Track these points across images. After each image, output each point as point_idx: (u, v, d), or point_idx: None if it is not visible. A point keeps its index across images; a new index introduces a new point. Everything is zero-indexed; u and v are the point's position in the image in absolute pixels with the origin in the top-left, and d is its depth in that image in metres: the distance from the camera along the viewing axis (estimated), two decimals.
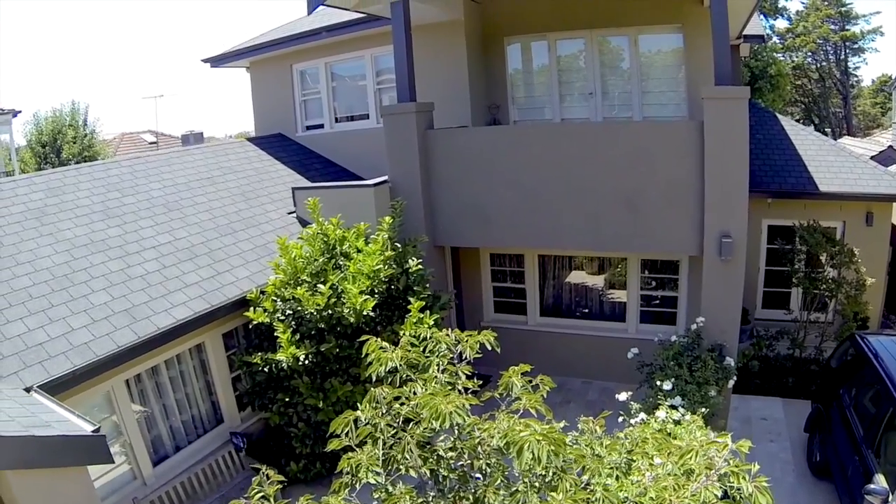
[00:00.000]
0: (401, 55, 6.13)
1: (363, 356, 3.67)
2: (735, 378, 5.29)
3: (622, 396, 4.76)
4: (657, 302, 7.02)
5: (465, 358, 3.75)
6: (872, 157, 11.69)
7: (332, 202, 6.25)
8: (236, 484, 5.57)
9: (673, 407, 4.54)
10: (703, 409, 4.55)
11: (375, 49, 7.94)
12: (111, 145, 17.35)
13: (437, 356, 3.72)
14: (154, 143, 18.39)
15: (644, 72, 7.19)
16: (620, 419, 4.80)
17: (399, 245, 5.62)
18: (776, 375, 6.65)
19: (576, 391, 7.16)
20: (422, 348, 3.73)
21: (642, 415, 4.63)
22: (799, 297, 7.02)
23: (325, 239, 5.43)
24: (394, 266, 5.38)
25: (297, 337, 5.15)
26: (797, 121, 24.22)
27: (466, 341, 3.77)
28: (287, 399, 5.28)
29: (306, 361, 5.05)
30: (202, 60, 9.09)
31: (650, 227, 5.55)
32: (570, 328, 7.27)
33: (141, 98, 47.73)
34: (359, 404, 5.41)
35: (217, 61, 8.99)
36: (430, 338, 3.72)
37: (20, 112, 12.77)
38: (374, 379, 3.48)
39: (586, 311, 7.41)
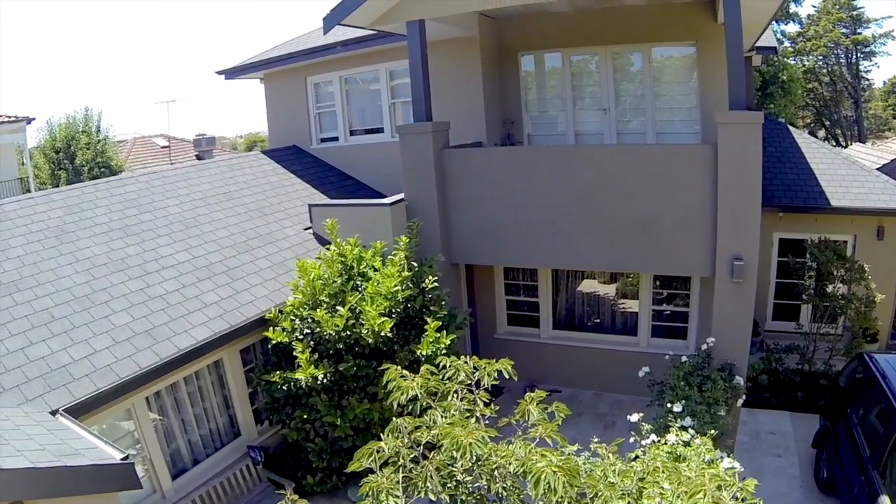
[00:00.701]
0: (417, 74, 6.17)
1: (384, 383, 3.80)
2: (744, 397, 5.33)
3: (633, 417, 4.84)
4: (668, 315, 7.05)
5: (483, 385, 3.88)
6: (883, 166, 11.63)
7: (348, 220, 6.32)
8: (254, 497, 5.67)
9: (683, 428, 4.61)
10: (713, 431, 4.61)
11: (390, 63, 7.99)
12: (124, 149, 17.52)
13: (455, 382, 3.85)
14: (166, 146, 18.52)
15: (657, 88, 7.19)
16: (632, 440, 4.89)
17: (415, 264, 5.69)
18: (785, 389, 6.68)
19: (587, 403, 7.23)
20: (441, 376, 3.84)
21: (653, 436, 4.70)
22: (809, 312, 7.03)
23: (343, 260, 5.50)
24: (410, 286, 5.44)
25: (316, 356, 5.22)
26: (808, 124, 24.14)
27: (484, 368, 3.92)
28: (305, 416, 5.37)
29: (324, 380, 5.13)
30: (216, 72, 9.17)
31: (664, 249, 5.58)
32: (583, 341, 7.32)
33: (153, 103, 48.65)
34: (375, 421, 5.52)
35: (231, 73, 9.06)
36: (449, 366, 3.85)
37: (34, 119, 12.92)
38: (392, 402, 3.62)
39: (598, 321, 7.45)
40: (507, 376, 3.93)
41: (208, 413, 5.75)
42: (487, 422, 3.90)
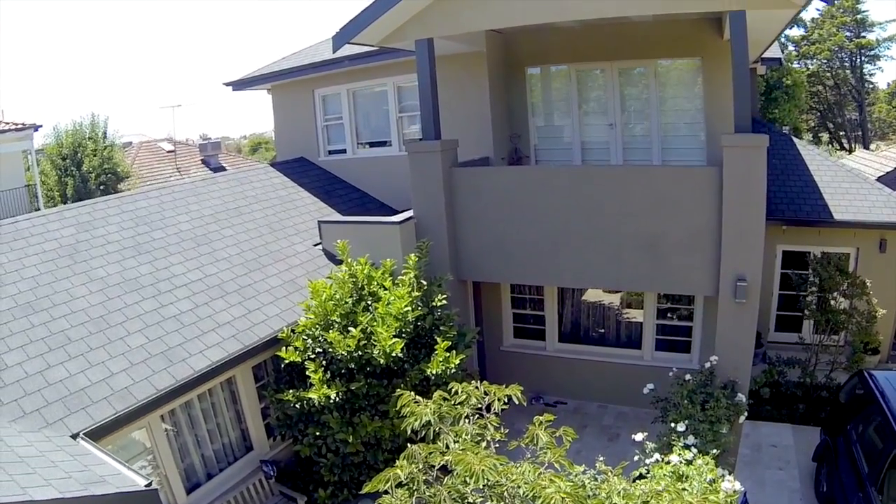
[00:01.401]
0: (425, 92, 6.22)
1: (398, 408, 3.94)
2: (746, 414, 5.43)
3: (638, 437, 4.96)
4: (672, 329, 7.13)
5: (494, 410, 4.02)
6: (887, 174, 11.66)
7: (357, 236, 6.41)
8: None
9: (686, 447, 4.73)
10: (715, 451, 4.71)
11: (398, 77, 8.03)
12: (129, 154, 17.56)
13: (466, 406, 4.00)
14: (172, 151, 18.57)
15: (663, 103, 7.24)
16: (636, 458, 5.00)
17: (425, 283, 5.77)
18: (787, 402, 6.78)
19: (592, 415, 7.33)
20: (453, 402, 3.99)
21: (657, 455, 4.81)
22: (811, 325, 7.10)
23: (354, 280, 5.59)
24: (420, 305, 5.53)
25: (328, 376, 5.32)
26: (812, 128, 24.08)
27: (494, 394, 4.07)
28: (318, 433, 5.47)
29: (337, 398, 5.23)
30: (224, 84, 9.21)
31: (669, 268, 5.67)
32: (588, 354, 7.41)
33: (159, 108, 48.76)
34: (385, 438, 5.64)
35: (239, 85, 9.11)
36: (461, 391, 3.99)
37: (41, 126, 12.97)
38: (407, 427, 3.76)
39: (603, 331, 7.53)
40: (516, 402, 4.08)
41: (221, 428, 5.85)
42: (497, 445, 4.06)
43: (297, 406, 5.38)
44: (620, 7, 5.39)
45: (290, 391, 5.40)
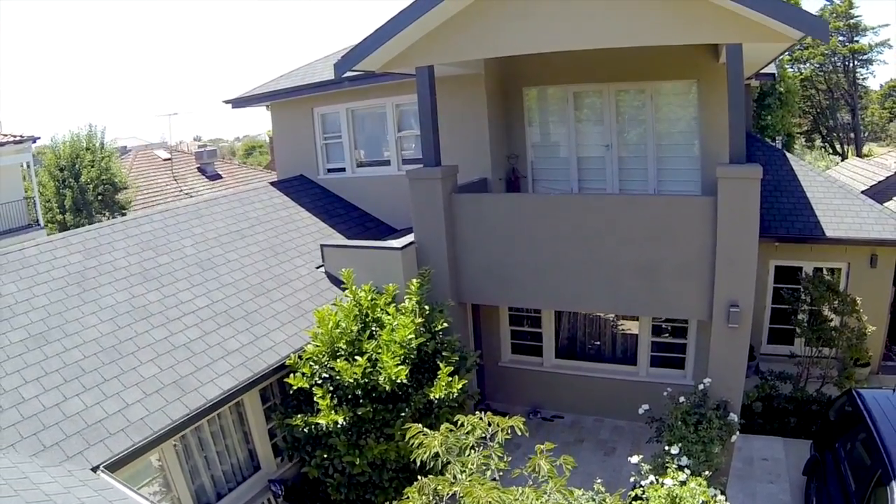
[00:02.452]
0: (426, 118, 6.34)
1: (407, 440, 4.16)
2: (738, 433, 5.64)
3: (634, 459, 5.18)
4: (667, 346, 7.32)
5: (497, 440, 4.28)
6: (879, 183, 11.86)
7: (359, 260, 6.55)
8: None
9: (680, 468, 4.95)
10: (707, 472, 4.93)
11: (397, 97, 8.12)
12: (126, 161, 17.54)
13: (472, 437, 4.26)
14: (168, 159, 18.57)
15: (659, 124, 7.38)
16: (632, 479, 5.22)
17: (427, 307, 5.94)
18: (779, 415, 6.99)
19: (588, 429, 7.54)
20: (459, 433, 4.23)
21: (652, 477, 5.03)
22: (803, 340, 7.31)
23: (359, 307, 5.73)
24: (423, 331, 5.69)
25: (335, 401, 5.48)
26: (805, 132, 24.29)
27: (498, 425, 4.34)
28: (325, 455, 5.65)
29: (344, 423, 5.40)
30: (223, 101, 9.26)
31: (664, 293, 5.85)
32: (585, 370, 7.61)
33: (156, 116, 49.04)
34: (391, 459, 5.87)
35: (238, 103, 9.16)
36: (467, 423, 4.23)
37: (38, 138, 12.95)
38: (417, 458, 4.00)
39: (599, 344, 7.70)
40: (519, 433, 4.32)
41: (230, 449, 6.02)
42: (501, 473, 4.29)
43: (306, 430, 5.55)
44: (617, 39, 5.52)
45: (299, 416, 5.56)
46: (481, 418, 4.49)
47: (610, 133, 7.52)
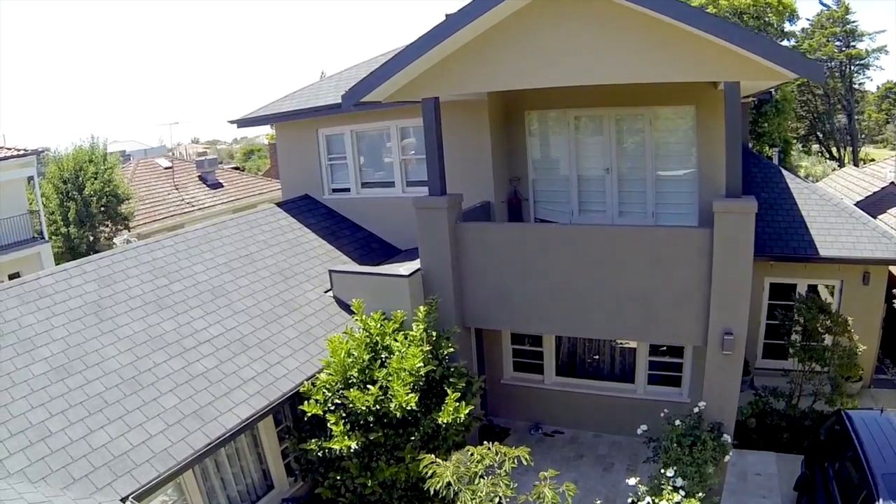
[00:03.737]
0: (431, 148, 6.51)
1: (421, 470, 4.44)
2: (731, 454, 5.90)
3: (631, 481, 5.45)
4: (664, 364, 7.55)
5: (504, 470, 4.61)
6: (874, 194, 12.05)
7: (367, 287, 6.75)
8: None
9: (675, 489, 5.21)
10: (701, 494, 5.19)
11: (401, 120, 8.27)
12: (127, 170, 17.61)
13: (481, 466, 4.59)
14: (169, 167, 18.65)
15: (658, 147, 7.56)
16: (630, 500, 5.49)
17: (434, 334, 6.15)
18: (772, 431, 7.26)
19: (588, 444, 7.80)
20: (469, 463, 4.55)
21: (648, 498, 5.29)
22: (796, 361, 7.56)
23: (369, 335, 5.95)
24: (431, 358, 5.91)
25: (348, 427, 5.72)
26: (802, 136, 24.42)
27: (506, 454, 4.67)
28: (338, 476, 5.90)
29: (356, 447, 5.64)
30: (228, 122, 9.38)
31: (661, 321, 6.07)
32: (584, 388, 7.86)
33: (158, 124, 48.72)
34: (401, 480, 6.19)
35: (243, 123, 9.28)
36: (476, 454, 4.55)
37: (42, 151, 12.99)
38: (430, 487, 4.31)
39: (598, 362, 7.92)
40: (524, 463, 4.62)
41: (244, 470, 6.26)
42: (508, 500, 4.60)
43: (320, 454, 5.79)
44: (620, 76, 5.68)
45: (314, 440, 5.79)
46: (489, 448, 4.78)
47: (610, 156, 7.69)
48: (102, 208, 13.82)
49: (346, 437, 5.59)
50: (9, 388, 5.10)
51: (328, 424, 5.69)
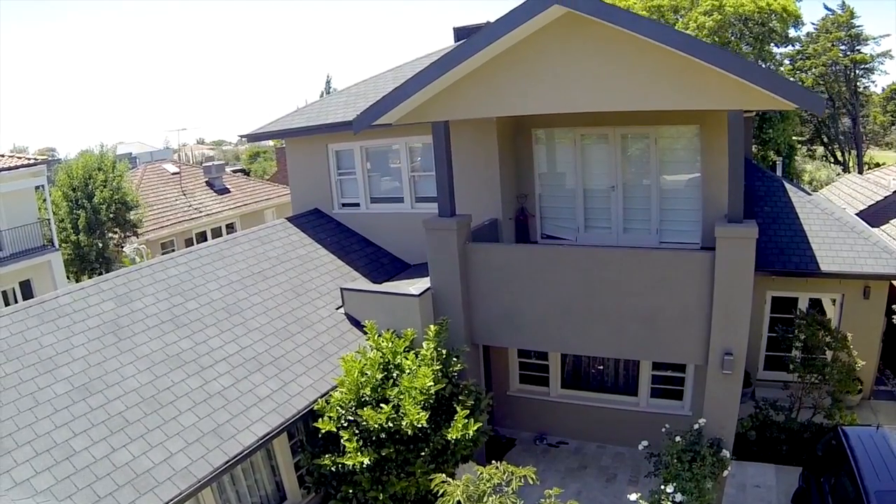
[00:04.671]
0: (441, 170, 6.65)
1: (432, 488, 4.64)
2: (729, 468, 6.07)
3: (633, 496, 5.64)
4: (667, 378, 7.70)
5: (511, 489, 4.80)
6: (876, 203, 12.12)
7: (379, 305, 6.91)
8: None
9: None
10: None
11: (410, 137, 8.40)
12: (135, 176, 17.77)
13: (490, 485, 4.79)
14: (177, 173, 18.80)
15: (663, 166, 7.68)
16: None
17: (443, 352, 6.32)
18: (771, 443, 7.41)
19: (591, 455, 7.97)
20: (479, 482, 4.74)
21: None
22: (796, 375, 7.70)
23: (382, 354, 6.12)
24: (440, 377, 6.09)
25: (360, 443, 5.90)
26: (807, 140, 24.41)
27: (513, 473, 4.86)
28: (350, 490, 6.09)
29: (369, 462, 5.83)
30: (239, 136, 9.51)
31: (664, 341, 6.23)
32: (588, 400, 8.03)
33: (166, 131, 49.18)
34: (411, 494, 6.42)
35: (253, 138, 9.41)
36: (485, 474, 4.75)
37: (51, 161, 13.15)
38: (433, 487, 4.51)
39: (602, 376, 8.09)
40: (531, 482, 4.81)
41: (259, 483, 6.45)
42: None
43: (333, 468, 5.98)
44: (627, 103, 5.79)
45: (327, 456, 5.98)
46: (497, 467, 4.96)
47: (615, 174, 7.81)
48: (112, 216, 14.00)
49: (359, 453, 5.77)
50: (33, 407, 5.29)
51: (342, 441, 5.87)
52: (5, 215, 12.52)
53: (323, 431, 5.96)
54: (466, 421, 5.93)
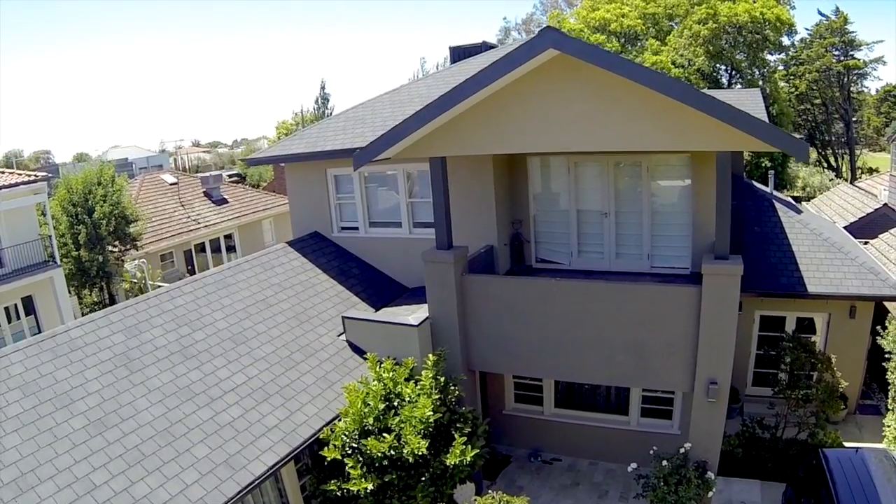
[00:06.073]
0: (439, 203, 6.86)
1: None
2: (714, 490, 6.39)
3: None
4: (656, 398, 7.99)
5: None
6: (866, 216, 12.38)
7: (379, 333, 7.17)
8: None
9: None
10: None
11: (408, 164, 8.57)
12: (133, 187, 17.86)
13: None
14: (175, 183, 18.89)
15: (654, 194, 7.90)
16: None
17: (442, 379, 6.60)
18: (757, 460, 7.72)
19: (583, 472, 8.28)
20: None
21: None
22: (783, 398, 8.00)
23: (383, 385, 6.40)
24: (439, 405, 6.37)
25: (364, 469, 6.20)
26: None
27: (509, 503, 5.17)
28: None
29: (373, 488, 6.13)
30: (240, 160, 9.66)
31: (651, 369, 6.52)
32: (581, 419, 8.34)
33: (161, 134, 48.59)
34: None
35: (253, 162, 9.57)
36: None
37: (53, 177, 13.22)
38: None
39: (594, 394, 8.38)
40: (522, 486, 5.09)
41: None
42: None
43: (338, 493, 6.28)
44: (617, 145, 6.00)
45: (333, 482, 6.28)
46: (493, 497, 5.28)
47: (608, 201, 8.03)
48: (112, 230, 14.13)
49: (363, 479, 6.07)
50: (52, 443, 5.55)
51: (346, 468, 6.17)
52: (7, 232, 12.66)
53: (329, 459, 6.25)
54: (464, 447, 6.23)
